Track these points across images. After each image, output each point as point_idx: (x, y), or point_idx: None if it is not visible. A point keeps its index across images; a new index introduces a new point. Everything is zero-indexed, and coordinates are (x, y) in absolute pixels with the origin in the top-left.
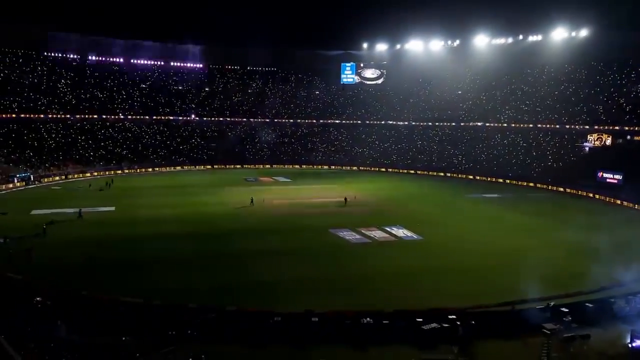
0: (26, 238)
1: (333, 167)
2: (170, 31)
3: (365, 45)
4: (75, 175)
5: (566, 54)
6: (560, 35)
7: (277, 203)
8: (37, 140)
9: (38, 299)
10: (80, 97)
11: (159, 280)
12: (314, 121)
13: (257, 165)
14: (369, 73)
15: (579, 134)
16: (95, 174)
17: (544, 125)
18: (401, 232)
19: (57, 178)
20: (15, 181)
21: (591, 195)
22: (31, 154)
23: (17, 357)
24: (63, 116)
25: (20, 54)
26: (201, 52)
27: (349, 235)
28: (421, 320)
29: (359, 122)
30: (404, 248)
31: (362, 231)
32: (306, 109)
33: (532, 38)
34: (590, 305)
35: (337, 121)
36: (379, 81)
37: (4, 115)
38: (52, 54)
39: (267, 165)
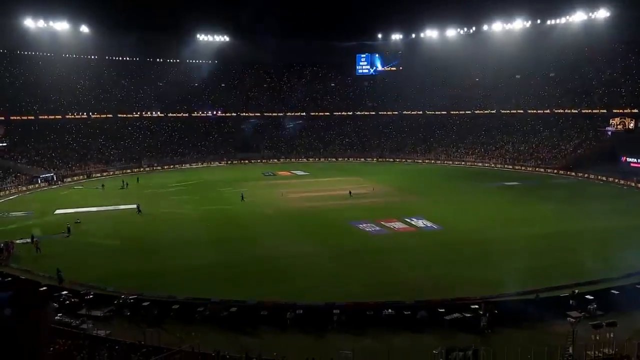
0: (51, 237)
1: (350, 159)
2: (183, 26)
3: (379, 35)
4: (98, 175)
5: (586, 36)
6: (579, 17)
7: (295, 197)
8: (59, 141)
9: (64, 292)
10: (99, 96)
11: (178, 283)
12: (331, 114)
13: (274, 160)
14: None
15: (601, 118)
16: (117, 172)
17: (564, 111)
18: (421, 223)
19: (79, 178)
20: (40, 182)
21: (615, 180)
22: (53, 154)
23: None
24: (82, 116)
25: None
26: (215, 47)
27: (369, 227)
28: (443, 310)
29: (375, 113)
30: (424, 238)
31: (382, 223)
32: (322, 102)
33: (550, 22)
34: (617, 293)
35: (353, 113)
36: (394, 69)
37: (25, 118)
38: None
39: (284, 159)
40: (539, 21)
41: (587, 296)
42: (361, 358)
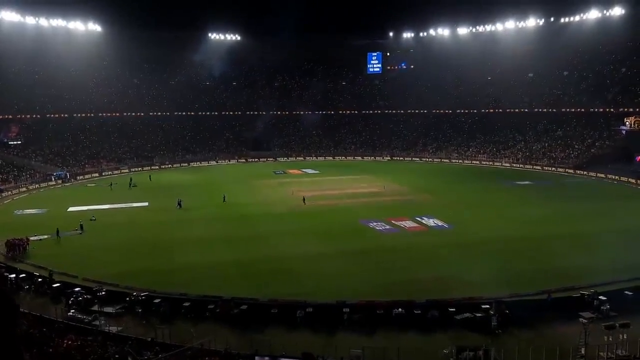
0: (64, 235)
1: (361, 157)
2: (196, 25)
3: (391, 33)
4: (110, 172)
5: (600, 34)
6: (594, 15)
7: (306, 195)
8: (72, 139)
9: (77, 289)
10: (112, 95)
11: (189, 281)
12: (342, 112)
13: (285, 158)
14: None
15: (616, 117)
16: (129, 170)
17: (578, 110)
18: (432, 222)
19: (91, 175)
20: (53, 179)
21: (630, 180)
22: (66, 152)
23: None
24: (95, 114)
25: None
26: (227, 46)
27: (380, 226)
28: (454, 310)
29: (386, 111)
30: (435, 237)
31: (393, 221)
32: (333, 101)
33: (564, 19)
34: (630, 294)
35: (364, 111)
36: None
37: (39, 116)
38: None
39: (295, 158)
40: (552, 19)
41: (600, 297)
42: (371, 357)
